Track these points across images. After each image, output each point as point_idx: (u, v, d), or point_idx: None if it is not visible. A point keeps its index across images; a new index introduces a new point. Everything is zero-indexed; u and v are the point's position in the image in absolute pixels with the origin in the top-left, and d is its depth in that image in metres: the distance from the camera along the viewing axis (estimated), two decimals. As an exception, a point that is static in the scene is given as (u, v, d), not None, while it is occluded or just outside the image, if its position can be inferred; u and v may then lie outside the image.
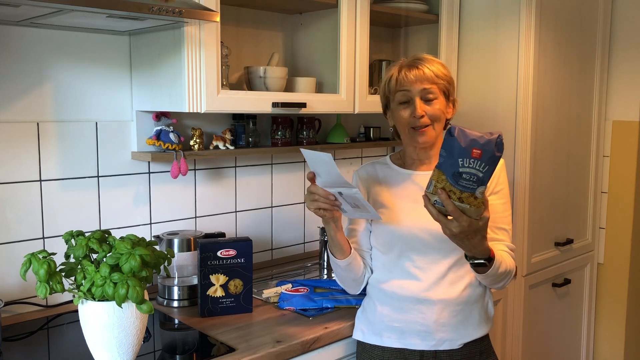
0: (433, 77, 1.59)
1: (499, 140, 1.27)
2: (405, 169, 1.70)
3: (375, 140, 2.61)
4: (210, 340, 1.63)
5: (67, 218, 1.86)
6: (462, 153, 1.27)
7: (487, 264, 1.47)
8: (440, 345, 1.61)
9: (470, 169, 1.27)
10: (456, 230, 1.36)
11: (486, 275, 1.52)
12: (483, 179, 1.28)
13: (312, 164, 1.51)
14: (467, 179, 1.28)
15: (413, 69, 1.59)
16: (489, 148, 1.26)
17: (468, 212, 1.33)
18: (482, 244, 1.43)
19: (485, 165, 1.27)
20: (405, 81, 1.59)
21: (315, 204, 1.53)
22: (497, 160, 1.28)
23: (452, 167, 1.29)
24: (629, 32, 2.75)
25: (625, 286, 2.82)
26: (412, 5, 2.41)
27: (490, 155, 1.27)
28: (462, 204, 1.31)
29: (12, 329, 1.69)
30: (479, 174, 1.27)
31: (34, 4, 1.35)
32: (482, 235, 1.40)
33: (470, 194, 1.30)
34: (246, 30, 2.23)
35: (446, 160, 1.30)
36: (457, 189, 1.30)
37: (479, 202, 1.32)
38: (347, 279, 1.70)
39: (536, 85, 2.36)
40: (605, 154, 2.83)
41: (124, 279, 1.30)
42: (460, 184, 1.29)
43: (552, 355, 2.72)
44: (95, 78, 1.89)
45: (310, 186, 1.54)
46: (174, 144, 1.93)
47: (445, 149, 1.30)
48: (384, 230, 1.65)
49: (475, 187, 1.29)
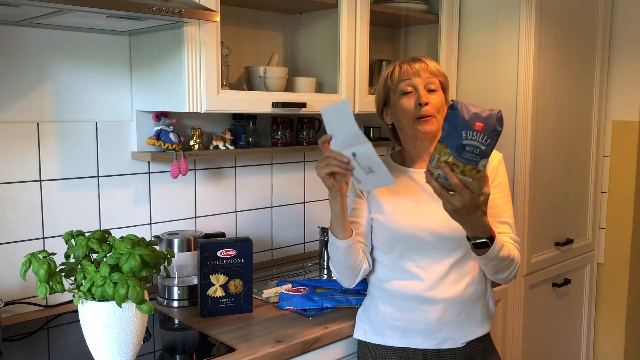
0: (435, 70, 1.62)
1: (499, 115, 1.30)
2: (405, 166, 1.70)
3: (375, 140, 2.61)
4: (210, 340, 1.63)
5: (67, 218, 1.86)
6: (465, 126, 1.29)
7: (489, 243, 1.45)
8: (443, 344, 1.61)
9: (474, 142, 1.29)
10: (459, 204, 1.35)
11: (488, 257, 1.48)
12: (485, 151, 1.30)
13: (329, 122, 1.49)
14: (470, 152, 1.30)
15: (416, 62, 1.62)
16: (491, 121, 1.29)
17: (470, 186, 1.33)
18: (483, 221, 1.41)
19: (487, 138, 1.29)
20: (410, 72, 1.61)
21: (327, 168, 1.48)
22: (498, 135, 1.30)
23: (456, 139, 1.30)
24: (629, 32, 2.75)
25: (625, 286, 2.82)
26: (412, 5, 2.41)
27: (492, 129, 1.29)
28: (465, 177, 1.32)
29: (12, 329, 1.69)
30: (481, 146, 1.29)
31: (34, 4, 1.35)
32: (482, 211, 1.39)
33: (473, 167, 1.31)
34: (246, 30, 2.23)
35: (449, 134, 1.31)
36: (461, 162, 1.31)
37: (481, 175, 1.32)
38: (344, 265, 1.63)
39: (536, 85, 2.36)
40: (605, 154, 2.83)
41: (124, 279, 1.30)
42: (464, 156, 1.30)
43: (552, 355, 2.72)
44: (95, 78, 1.90)
45: (324, 151, 1.51)
46: (174, 144, 1.93)
47: (447, 123, 1.31)
48: (384, 230, 1.65)
49: (478, 159, 1.30)
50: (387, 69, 1.67)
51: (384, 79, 1.67)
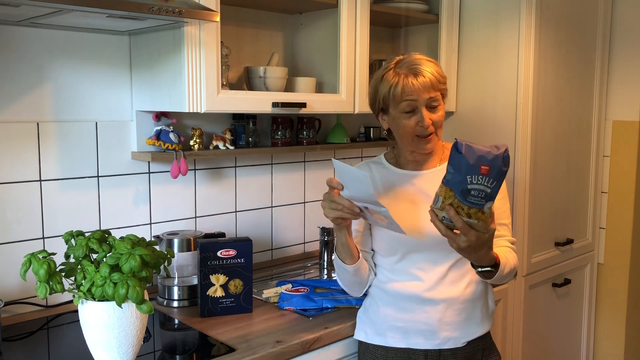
0: (436, 82, 1.57)
1: (505, 154, 1.27)
2: (400, 169, 1.70)
3: (375, 140, 2.61)
4: (210, 340, 1.63)
5: (67, 218, 1.86)
6: (470, 170, 1.27)
7: (493, 270, 1.49)
8: (445, 344, 1.61)
9: (479, 186, 1.27)
10: (464, 245, 1.36)
11: (493, 280, 1.54)
12: (491, 194, 1.29)
13: (342, 177, 1.45)
14: (475, 195, 1.28)
15: (418, 76, 1.55)
16: (496, 164, 1.26)
17: (476, 227, 1.33)
18: (488, 255, 1.44)
19: (493, 180, 1.27)
20: (413, 90, 1.55)
21: (338, 213, 1.49)
22: (504, 175, 1.29)
23: (460, 184, 1.29)
24: (629, 32, 2.75)
25: (625, 286, 2.82)
26: (412, 5, 2.41)
27: (498, 171, 1.27)
28: (471, 220, 1.32)
29: (12, 329, 1.69)
30: (487, 189, 1.28)
31: (34, 4, 1.35)
32: (488, 247, 1.41)
33: (479, 210, 1.31)
34: (246, 30, 2.23)
35: (454, 177, 1.30)
36: (466, 205, 1.30)
37: (486, 216, 1.32)
38: (353, 283, 1.69)
39: (536, 85, 2.36)
40: (605, 154, 2.83)
41: (124, 279, 1.30)
42: (469, 200, 1.29)
43: (552, 355, 2.72)
44: (95, 78, 1.89)
45: (334, 195, 1.49)
46: (174, 144, 1.93)
47: (452, 166, 1.30)
48: (384, 235, 1.65)
49: (483, 202, 1.29)
50: (387, 74, 1.59)
51: (387, 90, 1.58)
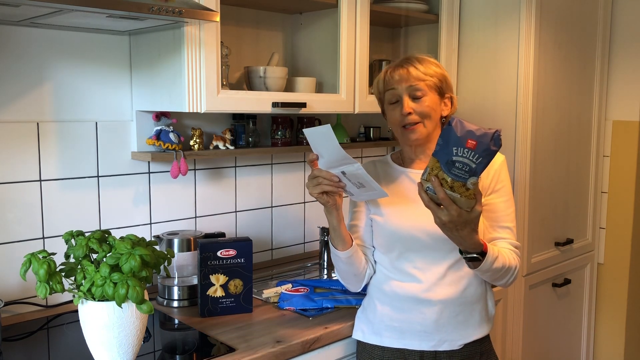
0: (419, 74, 1.58)
1: (496, 134, 1.29)
2: (404, 167, 1.70)
3: (375, 140, 2.61)
4: (210, 340, 1.63)
5: (67, 218, 1.86)
6: (457, 142, 1.29)
7: (480, 258, 1.46)
8: (440, 346, 1.61)
9: (464, 159, 1.29)
10: (445, 218, 1.36)
11: (481, 270, 1.50)
12: (475, 170, 1.30)
13: (314, 144, 1.49)
14: (459, 168, 1.30)
15: (398, 69, 1.60)
16: (484, 140, 1.28)
17: (458, 202, 1.34)
18: (472, 237, 1.42)
19: (479, 156, 1.29)
20: (392, 81, 1.60)
21: (319, 187, 1.50)
22: (493, 154, 1.30)
23: (446, 155, 1.31)
24: (629, 32, 2.75)
25: (625, 286, 2.82)
26: (412, 5, 2.41)
27: (485, 148, 1.28)
28: (453, 193, 1.33)
29: (12, 329, 1.69)
30: (471, 164, 1.29)
31: (34, 4, 1.35)
32: (471, 227, 1.39)
33: (462, 184, 1.32)
34: (246, 30, 2.23)
35: (442, 149, 1.32)
36: (449, 177, 1.32)
37: (469, 193, 1.33)
38: (348, 273, 1.68)
39: (536, 85, 2.36)
40: (605, 154, 2.83)
41: (124, 279, 1.30)
42: (453, 172, 1.31)
43: (552, 355, 2.72)
44: (95, 78, 1.90)
45: (313, 170, 1.52)
46: (174, 144, 1.93)
47: (442, 138, 1.33)
48: (383, 231, 1.65)
49: (467, 177, 1.31)
50: (381, 72, 1.67)
51: (374, 85, 1.68)
